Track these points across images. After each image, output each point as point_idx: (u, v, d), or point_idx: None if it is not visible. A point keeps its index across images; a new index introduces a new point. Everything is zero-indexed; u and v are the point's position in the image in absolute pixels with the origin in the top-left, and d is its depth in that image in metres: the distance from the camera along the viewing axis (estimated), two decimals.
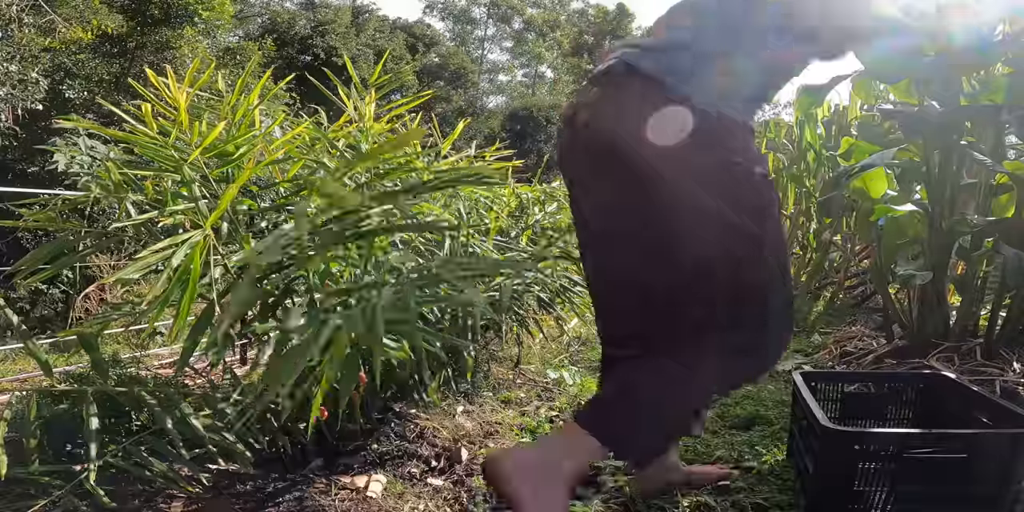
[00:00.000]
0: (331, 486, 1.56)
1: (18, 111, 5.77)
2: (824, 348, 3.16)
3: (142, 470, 1.38)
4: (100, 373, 1.46)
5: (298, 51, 16.12)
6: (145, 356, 2.86)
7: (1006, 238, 2.26)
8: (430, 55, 23.55)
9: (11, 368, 3.20)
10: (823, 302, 4.40)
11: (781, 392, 2.45)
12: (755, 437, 1.97)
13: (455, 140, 2.52)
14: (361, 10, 20.75)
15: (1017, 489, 1.34)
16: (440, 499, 1.56)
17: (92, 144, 2.22)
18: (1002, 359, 2.23)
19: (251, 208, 1.76)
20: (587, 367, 3.03)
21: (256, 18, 18.50)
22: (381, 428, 1.89)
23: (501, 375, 2.73)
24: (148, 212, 1.59)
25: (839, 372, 2.39)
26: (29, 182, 5.77)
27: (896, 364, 2.50)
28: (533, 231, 2.71)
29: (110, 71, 7.33)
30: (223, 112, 1.77)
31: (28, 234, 5.15)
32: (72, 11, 7.24)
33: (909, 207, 2.49)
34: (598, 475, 1.70)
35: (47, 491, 1.32)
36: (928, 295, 2.54)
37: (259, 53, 10.08)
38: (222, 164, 1.70)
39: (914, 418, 1.78)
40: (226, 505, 1.46)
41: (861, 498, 1.35)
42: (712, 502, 1.52)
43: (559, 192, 2.95)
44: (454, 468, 1.75)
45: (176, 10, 7.45)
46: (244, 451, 1.45)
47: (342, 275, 1.63)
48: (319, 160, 1.84)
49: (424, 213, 1.99)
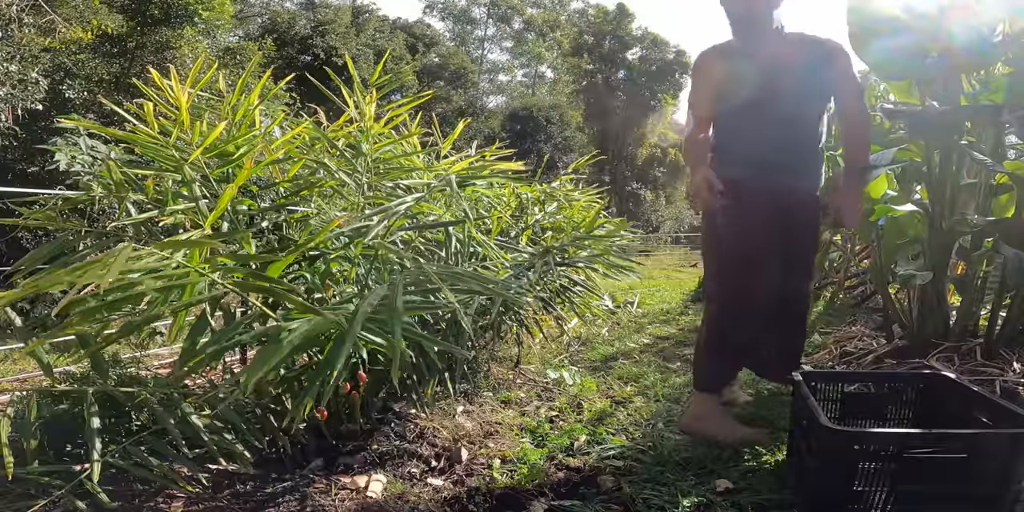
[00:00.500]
0: (331, 486, 1.55)
1: (18, 111, 5.76)
2: (824, 348, 3.16)
3: (142, 470, 1.38)
4: (100, 373, 1.46)
5: (298, 51, 16.12)
6: (145, 356, 2.86)
7: (1006, 238, 2.26)
8: (430, 55, 23.55)
9: (11, 368, 3.20)
10: (823, 302, 4.40)
11: (781, 392, 2.45)
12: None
13: (455, 140, 2.52)
14: (361, 10, 20.74)
15: (1017, 489, 1.34)
16: (440, 499, 1.56)
17: (93, 144, 2.22)
18: (1002, 359, 2.23)
19: (251, 208, 1.76)
20: (587, 367, 3.03)
21: (256, 18, 18.50)
22: (381, 428, 1.89)
23: (501, 375, 2.73)
24: (148, 211, 1.59)
25: (839, 372, 2.39)
26: (29, 182, 5.77)
27: (896, 364, 2.49)
28: (533, 231, 2.71)
29: (110, 71, 7.33)
30: (224, 112, 1.77)
31: (28, 234, 5.14)
32: (72, 11, 7.23)
33: (909, 207, 2.49)
34: (598, 475, 1.70)
35: (47, 491, 1.32)
36: (928, 295, 2.54)
37: (259, 53, 10.07)
38: (223, 164, 1.70)
39: (914, 418, 1.78)
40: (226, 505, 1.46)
41: (861, 498, 1.35)
42: (712, 502, 1.53)
43: (559, 192, 2.95)
44: (454, 468, 1.75)
45: (176, 10, 7.45)
46: (244, 451, 1.45)
47: (343, 275, 1.63)
48: (319, 160, 1.84)
49: (425, 213, 1.99)
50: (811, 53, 1.92)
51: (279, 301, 1.60)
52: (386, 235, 1.54)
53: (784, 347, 2.10)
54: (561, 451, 1.88)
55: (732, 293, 1.99)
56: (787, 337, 2.10)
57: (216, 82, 1.96)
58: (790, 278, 2.01)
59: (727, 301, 2.00)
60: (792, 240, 2.00)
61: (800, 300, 2.08)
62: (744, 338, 1.99)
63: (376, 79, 2.09)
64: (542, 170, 3.20)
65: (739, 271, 1.98)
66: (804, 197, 2.00)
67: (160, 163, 1.64)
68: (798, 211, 1.99)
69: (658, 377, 2.77)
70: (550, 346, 3.42)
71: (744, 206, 1.95)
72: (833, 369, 2.76)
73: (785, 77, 1.92)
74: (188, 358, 1.24)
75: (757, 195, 1.96)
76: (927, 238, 2.52)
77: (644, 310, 5.18)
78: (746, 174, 1.98)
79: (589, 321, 4.02)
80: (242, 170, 1.39)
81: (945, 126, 2.30)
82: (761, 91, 1.93)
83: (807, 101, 1.97)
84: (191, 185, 1.58)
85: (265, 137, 1.84)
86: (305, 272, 1.60)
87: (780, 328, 2.06)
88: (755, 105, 1.95)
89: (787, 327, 2.08)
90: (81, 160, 2.49)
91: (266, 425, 1.56)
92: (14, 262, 1.47)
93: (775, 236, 1.96)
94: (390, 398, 2.03)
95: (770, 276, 1.98)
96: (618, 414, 2.27)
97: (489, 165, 2.43)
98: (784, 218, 1.96)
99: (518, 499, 1.57)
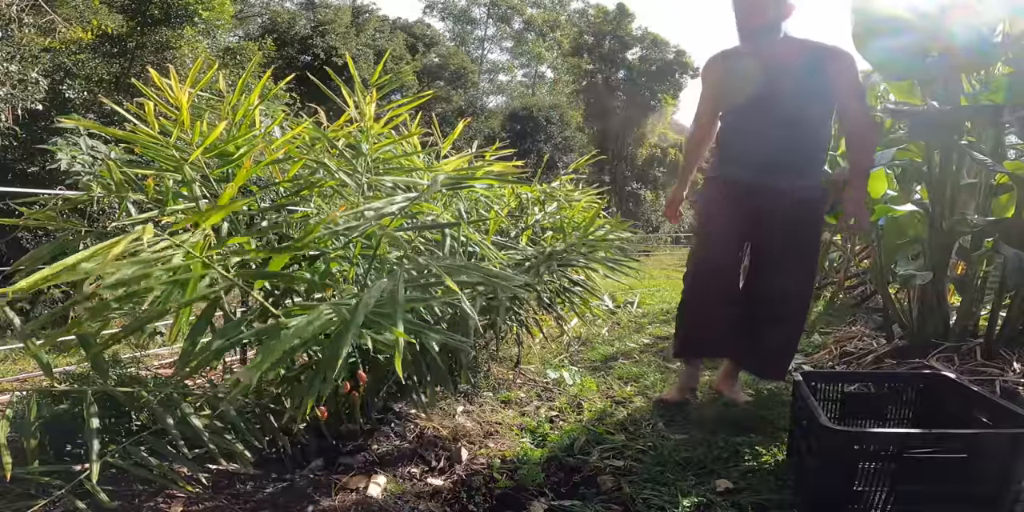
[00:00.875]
0: (331, 486, 1.55)
1: (18, 111, 5.76)
2: (824, 348, 3.16)
3: (142, 470, 1.38)
4: (100, 373, 1.46)
5: (298, 51, 16.12)
6: (145, 356, 2.86)
7: (1006, 238, 2.26)
8: (430, 55, 23.53)
9: (11, 368, 3.19)
10: (823, 302, 4.40)
11: (781, 392, 2.45)
12: (755, 437, 1.97)
13: (455, 140, 2.51)
14: (361, 10, 20.73)
15: (1017, 489, 1.34)
16: (440, 499, 1.56)
17: (93, 144, 2.22)
18: (1002, 359, 2.23)
19: (251, 208, 1.76)
20: (587, 367, 3.03)
21: (256, 18, 18.50)
22: (381, 428, 1.89)
23: (501, 375, 2.73)
24: (148, 211, 1.59)
25: (839, 372, 2.39)
26: (29, 182, 5.76)
27: (896, 364, 2.50)
28: (533, 231, 2.71)
29: (110, 71, 7.32)
30: (224, 112, 1.77)
31: (28, 234, 5.13)
32: (72, 11, 7.23)
33: (909, 207, 2.49)
34: (598, 475, 1.70)
35: (47, 491, 1.32)
36: (928, 295, 2.54)
37: (259, 53, 10.06)
38: (223, 164, 1.70)
39: (914, 418, 1.78)
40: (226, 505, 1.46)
41: (861, 498, 1.35)
42: (712, 502, 1.53)
43: (559, 192, 2.95)
44: (454, 468, 1.75)
45: (176, 10, 7.44)
46: (244, 451, 1.45)
47: (343, 275, 1.63)
48: (319, 160, 1.84)
49: (424, 213, 1.98)
50: (814, 56, 1.93)
51: (279, 300, 1.61)
52: (382, 236, 1.54)
53: (768, 346, 2.11)
54: (561, 451, 1.87)
55: (693, 280, 2.19)
56: (769, 337, 2.11)
57: (216, 82, 1.96)
58: (775, 278, 2.02)
59: (690, 284, 2.20)
60: (780, 239, 2.01)
61: (786, 301, 2.08)
62: (703, 319, 2.16)
63: (376, 79, 2.09)
64: (542, 170, 3.19)
65: (701, 258, 2.15)
66: (806, 195, 2.01)
67: (160, 163, 1.64)
68: (799, 209, 1.99)
69: (658, 377, 2.77)
70: (550, 346, 3.42)
71: (722, 202, 2.04)
72: (833, 369, 2.76)
73: (787, 78, 1.94)
74: (189, 357, 1.24)
75: (741, 191, 2.01)
76: (927, 238, 2.52)
77: (644, 310, 5.18)
78: (744, 173, 2.00)
79: (589, 321, 4.02)
80: (242, 170, 1.39)
81: (945, 126, 2.30)
82: (763, 90, 1.95)
83: (809, 103, 1.98)
84: (191, 185, 1.58)
85: (265, 137, 1.84)
86: (305, 271, 1.60)
87: (760, 327, 2.08)
88: (757, 105, 1.97)
89: (767, 327, 2.09)
90: (81, 160, 2.49)
91: (266, 425, 1.56)
92: (14, 262, 1.47)
93: (747, 232, 2.03)
94: (390, 398, 2.03)
95: (730, 270, 2.11)
96: (618, 414, 2.27)
97: (485, 166, 2.43)
98: (774, 216, 1.98)
99: (518, 499, 1.57)
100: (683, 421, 2.15)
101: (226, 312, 1.43)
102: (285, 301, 1.62)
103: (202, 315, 1.32)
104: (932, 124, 2.29)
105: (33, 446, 1.32)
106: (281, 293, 1.62)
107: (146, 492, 1.49)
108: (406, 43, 21.24)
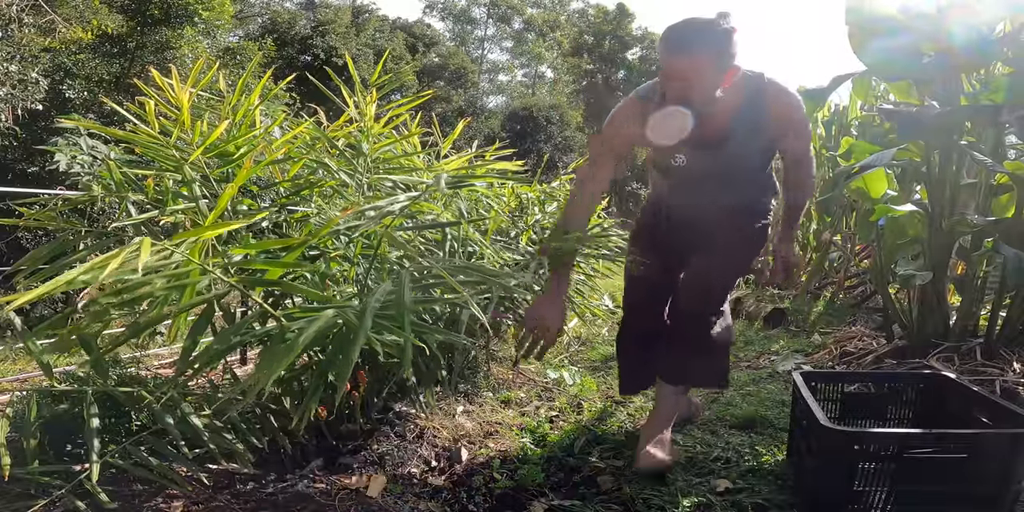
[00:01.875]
0: (331, 486, 1.55)
1: (18, 111, 5.76)
2: (824, 348, 3.16)
3: (142, 470, 1.38)
4: (100, 373, 1.46)
5: (298, 51, 16.14)
6: (145, 356, 2.86)
7: (1006, 238, 2.26)
8: (430, 55, 23.55)
9: (11, 368, 3.20)
10: (823, 302, 4.40)
11: (781, 392, 2.45)
12: (755, 437, 1.97)
13: (455, 140, 2.52)
14: (361, 10, 20.75)
15: (1017, 489, 1.34)
16: (440, 499, 1.56)
17: (93, 144, 2.22)
18: (1002, 359, 2.23)
19: (251, 208, 1.76)
20: (587, 367, 3.03)
21: (256, 18, 18.51)
22: (381, 428, 1.89)
23: (501, 375, 2.73)
24: (149, 211, 1.59)
25: (839, 372, 2.39)
26: (29, 182, 5.76)
27: (896, 364, 2.50)
28: (533, 231, 2.71)
29: (110, 71, 7.32)
30: (224, 112, 1.77)
31: (28, 234, 5.13)
32: (72, 11, 7.24)
33: (909, 207, 2.49)
34: (598, 475, 1.70)
35: (47, 491, 1.32)
36: (928, 295, 2.54)
37: (259, 53, 10.07)
38: (223, 164, 1.70)
39: (914, 418, 1.78)
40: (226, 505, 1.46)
41: (861, 498, 1.35)
42: (712, 502, 1.53)
43: (559, 192, 2.95)
44: (454, 468, 1.75)
45: (176, 10, 7.45)
46: (244, 451, 1.45)
47: (343, 275, 1.63)
48: (319, 160, 1.84)
49: (424, 212, 1.99)
50: (751, 102, 1.69)
51: (279, 300, 1.61)
52: (383, 236, 1.54)
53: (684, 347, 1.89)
54: (561, 451, 1.88)
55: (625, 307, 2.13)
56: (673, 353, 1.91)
57: (216, 82, 1.96)
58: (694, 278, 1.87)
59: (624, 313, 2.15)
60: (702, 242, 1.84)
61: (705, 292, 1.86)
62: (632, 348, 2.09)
63: (376, 79, 2.09)
64: (542, 170, 3.20)
65: (627, 288, 2.07)
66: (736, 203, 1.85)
67: (160, 163, 1.64)
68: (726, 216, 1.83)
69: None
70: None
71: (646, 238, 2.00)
72: (833, 369, 2.76)
73: (724, 134, 1.72)
74: (189, 359, 1.24)
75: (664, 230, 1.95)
76: (927, 238, 2.52)
77: None
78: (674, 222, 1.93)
79: (589, 321, 4.02)
80: (242, 170, 1.39)
81: (944, 126, 2.30)
82: (699, 149, 1.77)
83: (750, 156, 1.81)
84: (191, 185, 1.58)
85: (265, 137, 1.84)
86: (306, 272, 1.60)
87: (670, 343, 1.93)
88: (693, 165, 1.80)
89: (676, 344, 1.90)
90: (81, 160, 2.49)
91: (266, 425, 1.56)
92: (14, 262, 1.47)
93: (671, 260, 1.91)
94: (390, 398, 2.03)
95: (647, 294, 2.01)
96: (618, 414, 2.27)
97: (486, 164, 2.43)
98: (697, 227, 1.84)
99: (518, 499, 1.57)
100: (683, 421, 2.15)
101: (227, 312, 1.43)
102: (285, 301, 1.62)
103: (202, 314, 1.32)
104: (921, 125, 2.28)
105: (33, 446, 1.32)
106: (281, 293, 1.62)
107: (146, 492, 1.49)
108: (406, 43, 21.25)
